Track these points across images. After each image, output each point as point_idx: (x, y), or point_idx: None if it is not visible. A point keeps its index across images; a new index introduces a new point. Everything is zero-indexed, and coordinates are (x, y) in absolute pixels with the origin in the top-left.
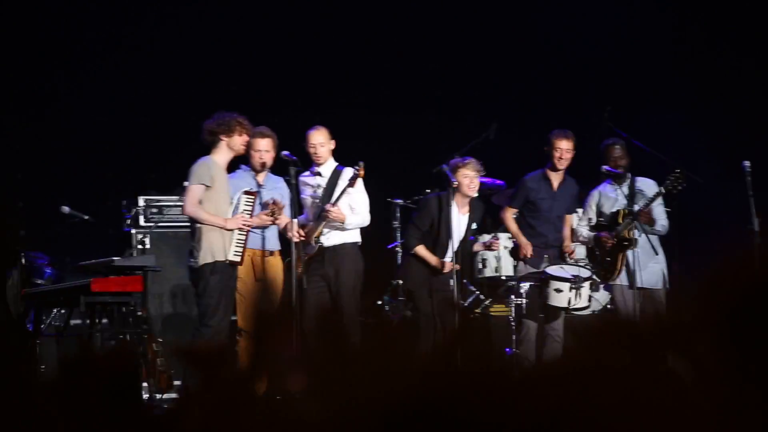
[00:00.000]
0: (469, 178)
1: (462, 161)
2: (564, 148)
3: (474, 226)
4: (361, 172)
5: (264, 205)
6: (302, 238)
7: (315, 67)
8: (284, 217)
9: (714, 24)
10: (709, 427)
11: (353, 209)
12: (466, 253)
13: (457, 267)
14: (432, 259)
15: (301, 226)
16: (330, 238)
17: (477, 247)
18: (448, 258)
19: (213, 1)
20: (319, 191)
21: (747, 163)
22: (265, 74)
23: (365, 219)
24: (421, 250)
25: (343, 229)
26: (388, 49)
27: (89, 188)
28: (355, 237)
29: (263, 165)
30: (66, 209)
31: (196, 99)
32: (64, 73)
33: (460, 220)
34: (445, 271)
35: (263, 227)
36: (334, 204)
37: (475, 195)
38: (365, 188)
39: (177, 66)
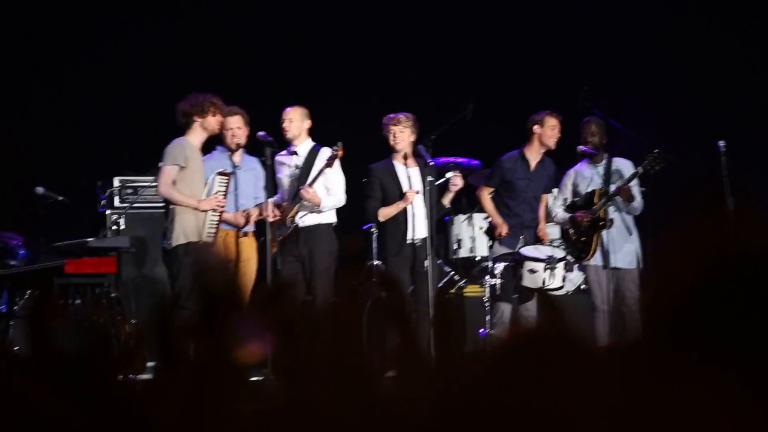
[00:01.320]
0: (393, 134)
1: (394, 117)
2: (558, 125)
3: (430, 177)
4: (340, 152)
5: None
6: (277, 218)
7: (292, 48)
8: (254, 219)
9: (690, 3)
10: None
11: (329, 190)
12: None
13: (417, 192)
14: (395, 207)
15: (277, 205)
16: (305, 218)
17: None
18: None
19: None
20: (296, 171)
21: (722, 143)
22: (242, 55)
23: (341, 200)
24: (384, 210)
25: (318, 211)
26: (365, 30)
27: (64, 169)
28: (330, 218)
29: (237, 144)
30: (40, 190)
31: (172, 80)
32: (40, 55)
33: (409, 174)
34: (409, 198)
35: (235, 225)
36: (310, 185)
37: (406, 149)
38: (342, 169)
39: (152, 47)
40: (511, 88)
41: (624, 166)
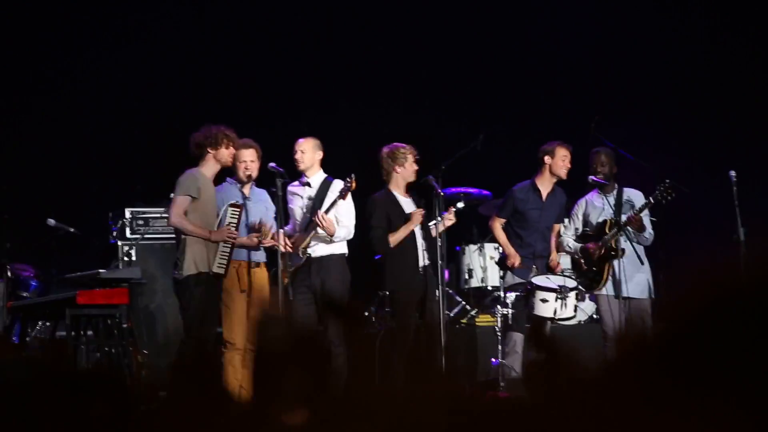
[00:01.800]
0: (411, 163)
1: (402, 145)
2: (569, 156)
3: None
4: (353, 185)
5: (251, 228)
6: (289, 249)
7: (305, 77)
8: (269, 240)
9: (700, 35)
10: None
11: (339, 221)
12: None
13: (422, 211)
14: (404, 230)
15: (288, 236)
16: (317, 249)
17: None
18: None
19: (198, 14)
20: (308, 202)
21: (733, 173)
22: (253, 86)
23: (350, 231)
24: (392, 236)
25: (330, 241)
26: (376, 60)
27: (75, 200)
28: (342, 248)
29: (249, 176)
30: (52, 222)
31: (184, 111)
32: (51, 86)
33: (406, 204)
34: (415, 218)
35: (250, 247)
36: (326, 212)
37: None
38: (353, 199)
39: (164, 78)
40: (522, 118)
41: (635, 196)
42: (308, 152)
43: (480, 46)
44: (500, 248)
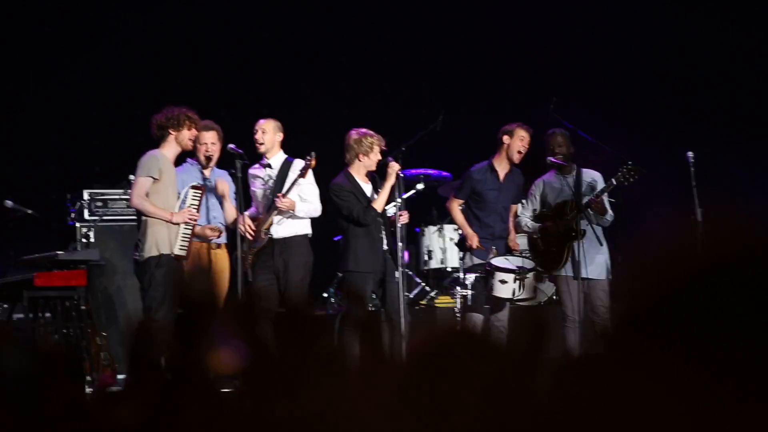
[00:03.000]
0: (379, 148)
1: (368, 131)
2: (527, 138)
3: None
4: (313, 162)
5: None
6: (250, 234)
7: (265, 59)
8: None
9: (657, 14)
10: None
11: (303, 199)
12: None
13: (397, 165)
14: (385, 190)
15: (252, 219)
16: (280, 229)
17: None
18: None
19: None
20: (269, 183)
21: (691, 154)
22: (213, 67)
23: (317, 207)
24: (375, 203)
25: (294, 217)
26: (337, 41)
27: (33, 182)
28: (305, 229)
29: (209, 159)
30: (9, 203)
31: (143, 92)
32: (8, 68)
33: (366, 188)
34: (392, 171)
35: (203, 238)
36: (284, 195)
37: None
38: (315, 180)
39: (124, 59)
40: (481, 99)
41: (593, 177)
42: (269, 133)
43: (440, 26)
44: (459, 230)
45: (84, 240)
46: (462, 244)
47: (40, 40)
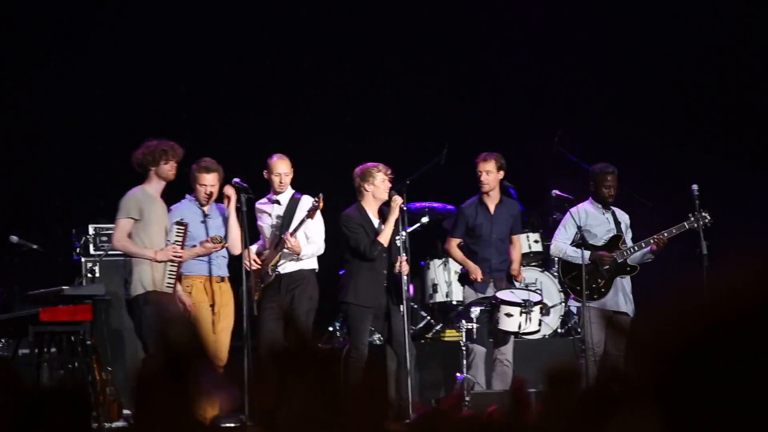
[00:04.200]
0: (385, 183)
1: (376, 165)
2: (483, 170)
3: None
4: (320, 204)
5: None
6: (258, 267)
7: (271, 92)
8: (220, 246)
9: (658, 44)
10: None
11: (309, 238)
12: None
13: (400, 199)
14: (390, 223)
15: (258, 254)
16: (287, 264)
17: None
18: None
19: (157, 29)
20: (277, 220)
21: (695, 187)
22: (217, 100)
23: (320, 247)
24: (380, 237)
25: (299, 259)
26: (342, 74)
27: (38, 217)
28: (311, 264)
29: (209, 198)
30: (14, 239)
31: (147, 126)
32: (12, 101)
33: (376, 223)
34: (395, 204)
35: (205, 254)
36: (292, 234)
37: (387, 199)
38: (323, 216)
39: (126, 92)
40: (485, 132)
41: (623, 216)
42: (290, 174)
43: (442, 61)
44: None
45: (89, 275)
46: (462, 278)
47: (45, 70)
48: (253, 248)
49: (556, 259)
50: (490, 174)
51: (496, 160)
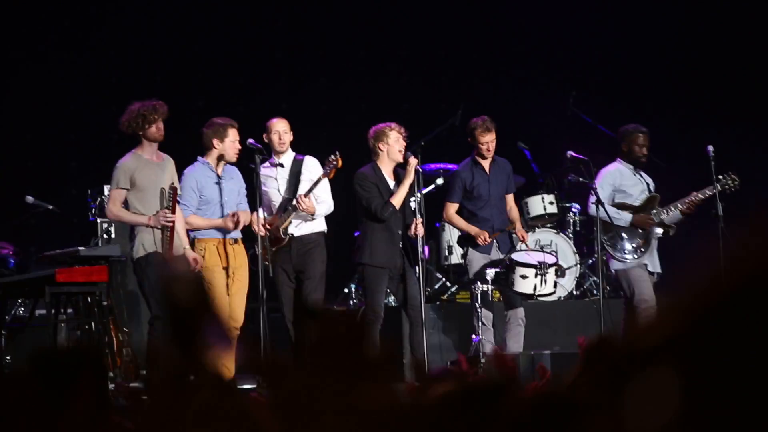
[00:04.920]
0: (399, 142)
1: (389, 125)
2: (488, 141)
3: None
4: (339, 162)
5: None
6: (263, 232)
7: (280, 53)
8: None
9: (675, 9)
10: None
11: (318, 198)
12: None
13: (416, 160)
14: (404, 186)
15: (269, 220)
16: (298, 228)
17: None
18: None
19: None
20: (282, 182)
21: (711, 148)
22: (228, 63)
23: (330, 206)
24: (393, 198)
25: (311, 219)
26: (355, 36)
27: (54, 178)
28: (321, 226)
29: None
30: (30, 199)
31: (160, 87)
32: (29, 63)
33: (392, 184)
34: (411, 165)
35: (225, 229)
36: (306, 195)
37: (401, 160)
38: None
39: (140, 54)
40: (500, 93)
41: (648, 178)
42: (289, 132)
43: (458, 20)
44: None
45: (105, 236)
46: (463, 240)
47: (57, 37)
48: (261, 215)
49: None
50: (493, 143)
51: (494, 126)
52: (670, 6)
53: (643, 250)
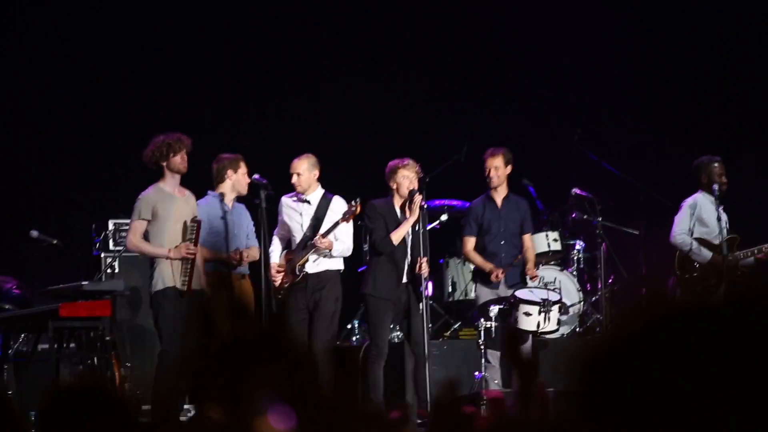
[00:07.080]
0: (409, 179)
1: (401, 162)
2: (491, 166)
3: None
4: (357, 209)
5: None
6: (275, 280)
7: (295, 91)
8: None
9: (674, 42)
10: None
11: (337, 238)
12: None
13: (421, 197)
14: (406, 224)
15: (287, 255)
16: (314, 265)
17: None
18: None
19: (179, 23)
20: (306, 219)
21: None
22: (240, 97)
23: (349, 247)
24: (394, 234)
25: (328, 256)
26: (363, 74)
27: (58, 212)
28: (338, 264)
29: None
30: (35, 233)
31: (166, 120)
32: (33, 95)
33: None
34: (415, 204)
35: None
36: (324, 235)
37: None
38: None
39: (145, 88)
40: (506, 130)
41: (725, 215)
42: (304, 174)
43: (463, 58)
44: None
45: (108, 270)
46: (475, 275)
47: (65, 63)
48: (275, 253)
49: (678, 250)
50: (498, 169)
51: (504, 155)
52: (677, 43)
53: (714, 289)
